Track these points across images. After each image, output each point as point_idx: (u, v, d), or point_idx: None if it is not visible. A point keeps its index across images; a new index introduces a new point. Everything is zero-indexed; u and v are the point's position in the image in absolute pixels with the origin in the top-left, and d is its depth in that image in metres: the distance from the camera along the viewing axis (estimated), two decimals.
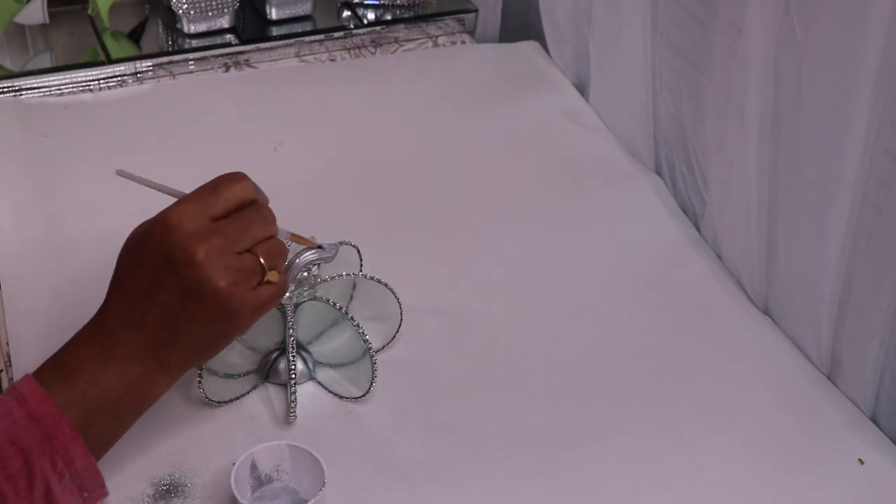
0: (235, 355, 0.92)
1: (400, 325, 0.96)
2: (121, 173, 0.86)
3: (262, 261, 0.78)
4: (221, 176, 0.80)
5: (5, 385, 0.92)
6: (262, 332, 0.92)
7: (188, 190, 0.81)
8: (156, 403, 0.88)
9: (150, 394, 0.79)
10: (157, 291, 0.76)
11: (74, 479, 0.73)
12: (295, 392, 0.88)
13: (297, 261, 0.89)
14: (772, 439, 0.90)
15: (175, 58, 1.32)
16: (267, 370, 0.92)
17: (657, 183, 1.18)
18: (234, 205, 0.79)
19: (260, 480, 0.83)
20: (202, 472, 0.84)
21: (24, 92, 1.26)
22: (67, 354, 0.77)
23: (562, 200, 1.15)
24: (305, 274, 0.92)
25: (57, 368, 0.76)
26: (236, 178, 0.80)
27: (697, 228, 1.12)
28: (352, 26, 1.40)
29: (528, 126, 1.26)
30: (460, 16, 1.44)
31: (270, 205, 0.83)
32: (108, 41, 1.34)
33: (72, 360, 0.77)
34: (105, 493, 0.75)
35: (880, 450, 0.90)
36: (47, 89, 1.27)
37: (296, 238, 0.87)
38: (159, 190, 0.84)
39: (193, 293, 0.75)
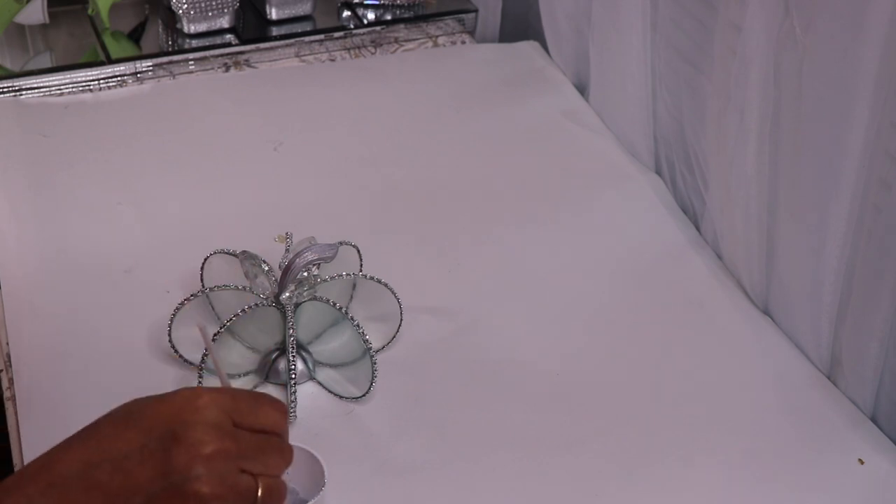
0: (235, 355, 0.92)
1: (400, 325, 0.96)
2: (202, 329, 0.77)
3: (259, 492, 0.67)
4: (267, 395, 0.72)
5: (5, 385, 0.92)
6: (262, 332, 0.92)
7: None
8: None
9: None
10: (133, 459, 0.63)
11: None
12: (295, 392, 0.88)
13: (298, 261, 0.89)
14: (772, 439, 0.90)
15: (175, 58, 1.32)
16: (267, 370, 0.92)
17: (657, 183, 1.18)
18: (262, 426, 0.69)
19: None
20: None
21: (24, 92, 1.26)
22: None
23: (562, 200, 1.15)
24: (305, 274, 0.92)
25: None
26: (280, 406, 0.70)
27: (697, 228, 1.13)
28: (352, 26, 1.40)
29: (528, 126, 1.26)
30: (460, 16, 1.44)
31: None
32: (108, 41, 1.34)
33: None
34: None
35: (880, 450, 0.90)
36: (47, 89, 1.27)
37: None
38: (214, 369, 0.77)
39: (172, 483, 0.63)
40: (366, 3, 1.43)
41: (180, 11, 1.33)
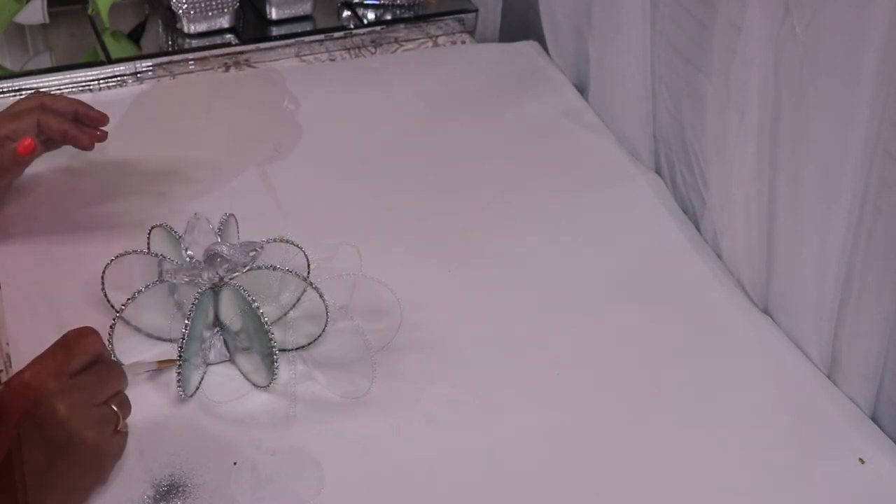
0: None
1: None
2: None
3: (116, 411, 0.80)
4: (71, 332, 0.81)
5: None
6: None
7: None
8: (156, 403, 0.88)
9: None
10: (22, 453, 0.75)
11: None
12: (295, 392, 0.88)
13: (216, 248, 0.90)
14: (772, 439, 0.90)
15: (175, 58, 1.32)
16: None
17: (657, 183, 1.18)
18: (88, 358, 0.80)
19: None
20: (202, 472, 0.84)
21: (24, 92, 1.26)
22: None
23: (561, 200, 1.15)
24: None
25: None
26: (86, 332, 0.81)
27: (697, 228, 1.13)
28: (352, 26, 1.40)
29: (528, 126, 1.26)
30: (460, 16, 1.44)
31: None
32: (108, 41, 1.34)
33: None
34: None
35: (880, 450, 0.90)
36: (47, 89, 1.27)
37: (161, 364, 0.90)
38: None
39: (62, 449, 0.75)
40: (366, 3, 1.43)
41: (180, 11, 1.33)
